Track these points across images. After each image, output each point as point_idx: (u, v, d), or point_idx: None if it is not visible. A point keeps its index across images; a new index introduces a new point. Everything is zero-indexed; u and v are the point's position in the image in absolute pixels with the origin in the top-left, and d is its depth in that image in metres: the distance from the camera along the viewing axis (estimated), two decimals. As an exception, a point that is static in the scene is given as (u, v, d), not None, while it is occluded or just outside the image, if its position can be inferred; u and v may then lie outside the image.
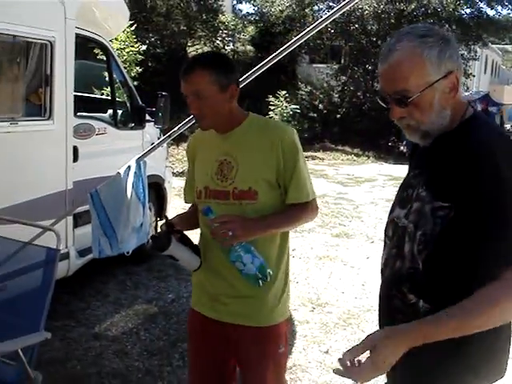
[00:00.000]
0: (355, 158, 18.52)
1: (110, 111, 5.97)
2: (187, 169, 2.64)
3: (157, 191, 6.50)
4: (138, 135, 6.10)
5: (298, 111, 19.12)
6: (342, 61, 23.07)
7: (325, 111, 21.89)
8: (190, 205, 2.65)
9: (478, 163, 1.60)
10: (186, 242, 2.37)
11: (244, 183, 2.28)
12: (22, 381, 2.89)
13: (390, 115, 1.75)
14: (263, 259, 2.27)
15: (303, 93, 22.39)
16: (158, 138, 6.50)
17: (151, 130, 6.33)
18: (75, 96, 4.89)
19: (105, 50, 5.83)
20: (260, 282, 2.28)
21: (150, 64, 18.32)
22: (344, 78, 22.09)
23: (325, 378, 3.97)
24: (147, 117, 6.14)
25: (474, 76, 25.04)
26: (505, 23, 24.21)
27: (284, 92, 18.26)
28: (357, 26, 20.67)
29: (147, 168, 4.59)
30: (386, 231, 1.93)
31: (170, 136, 3.69)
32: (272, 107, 18.10)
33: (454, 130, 1.74)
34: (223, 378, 2.53)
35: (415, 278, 1.73)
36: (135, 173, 3.64)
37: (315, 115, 21.63)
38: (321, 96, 22.35)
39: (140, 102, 6.11)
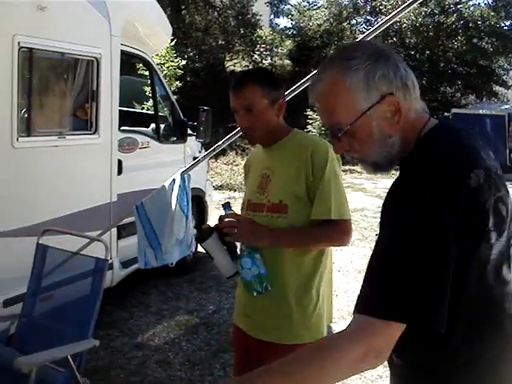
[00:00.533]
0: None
1: (153, 125, 6.09)
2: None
3: (198, 204, 6.59)
4: (179, 149, 6.21)
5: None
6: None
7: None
8: None
9: (397, 201, 1.42)
10: (230, 246, 2.36)
11: (276, 196, 2.30)
12: (71, 387, 2.99)
13: (334, 150, 1.59)
14: (264, 271, 2.26)
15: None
16: (200, 152, 6.64)
17: (192, 144, 6.44)
18: (119, 111, 5.02)
19: (148, 65, 5.97)
20: (254, 292, 2.28)
21: (188, 78, 18.63)
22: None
23: (365, 390, 3.97)
24: (188, 131, 6.26)
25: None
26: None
27: (321, 105, 18.28)
28: (395, 39, 20.66)
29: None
30: None
31: (214, 150, 3.76)
32: (310, 121, 18.16)
33: (409, 155, 1.48)
34: None
35: None
36: (180, 186, 3.72)
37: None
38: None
39: (182, 117, 6.23)
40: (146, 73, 7.26)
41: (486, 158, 1.45)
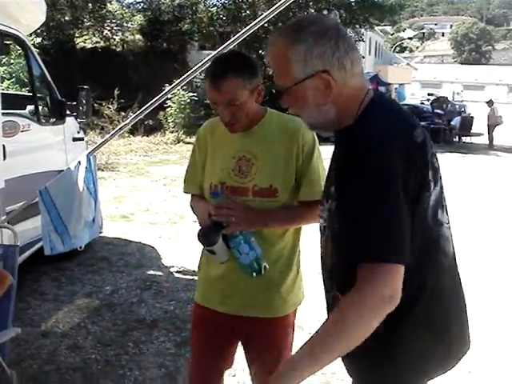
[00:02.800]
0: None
1: (31, 107, 5.86)
2: (191, 157, 2.51)
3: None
4: (59, 130, 6.02)
5: (196, 98, 19.21)
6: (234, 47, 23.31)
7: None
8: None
9: (354, 158, 1.59)
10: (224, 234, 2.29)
11: (264, 181, 2.25)
12: None
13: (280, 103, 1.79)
14: (260, 251, 2.27)
15: (198, 80, 22.43)
16: (78, 133, 6.49)
17: (71, 125, 6.27)
18: (-1, 93, 4.79)
19: (22, 44, 5.70)
20: (254, 273, 2.28)
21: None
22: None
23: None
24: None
25: (363, 57, 26.03)
26: (389, 7, 25.32)
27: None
28: (248, 12, 20.96)
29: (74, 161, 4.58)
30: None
31: (121, 129, 3.74)
32: (169, 95, 18.08)
33: (346, 127, 1.69)
34: (221, 358, 2.54)
35: (334, 274, 1.77)
36: (86, 167, 3.68)
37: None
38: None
39: (59, 97, 6.03)
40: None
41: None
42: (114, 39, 26.77)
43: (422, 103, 24.39)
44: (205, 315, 2.47)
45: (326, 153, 2.18)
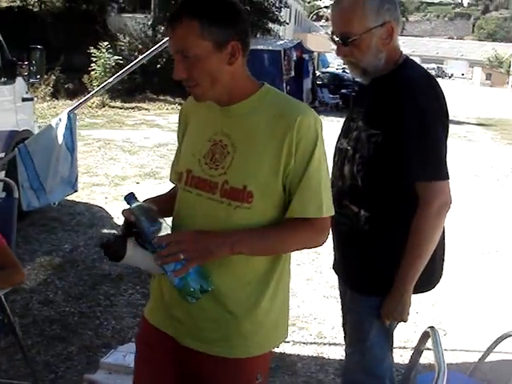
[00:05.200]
0: (179, 106, 18.84)
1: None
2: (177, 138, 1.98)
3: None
4: (10, 90, 5.99)
5: (122, 62, 18.94)
6: (152, 11, 23.05)
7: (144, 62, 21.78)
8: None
9: (402, 96, 2.07)
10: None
11: (238, 179, 1.69)
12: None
13: (336, 52, 2.22)
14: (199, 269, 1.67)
15: (122, 43, 22.09)
16: (27, 93, 6.45)
17: (20, 85, 6.24)
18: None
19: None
20: (189, 298, 1.67)
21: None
22: (162, 27, 22.12)
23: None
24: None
25: (287, 23, 26.28)
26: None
27: (106, 43, 18.03)
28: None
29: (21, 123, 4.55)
30: (333, 158, 2.34)
31: (104, 87, 3.85)
32: (94, 59, 17.80)
33: (388, 72, 2.15)
34: None
35: (355, 193, 2.19)
36: (66, 125, 3.77)
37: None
38: (140, 46, 22.20)
39: (10, 56, 5.98)
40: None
41: None
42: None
43: (344, 71, 24.94)
44: (151, 333, 1.90)
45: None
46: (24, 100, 6.29)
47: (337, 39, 2.13)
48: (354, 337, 2.33)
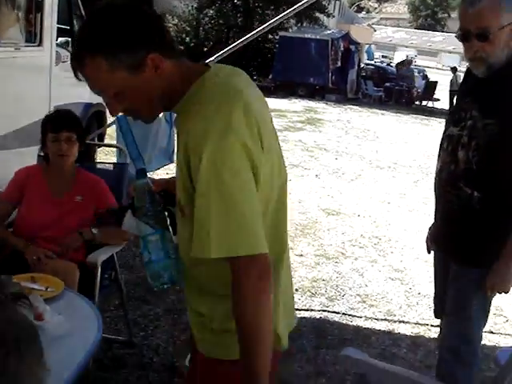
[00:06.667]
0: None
1: (62, 39, 6.03)
2: None
3: (99, 120, 6.71)
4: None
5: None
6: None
7: (191, 44, 22.02)
8: None
9: None
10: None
11: (178, 187, 1.54)
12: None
13: (464, 52, 2.40)
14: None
15: (170, 25, 22.28)
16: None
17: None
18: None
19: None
20: (159, 284, 1.69)
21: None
22: (211, 12, 22.27)
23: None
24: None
25: (333, 16, 26.19)
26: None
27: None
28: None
29: (94, 96, 4.72)
30: (441, 145, 2.58)
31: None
32: None
33: (503, 65, 2.36)
34: None
35: (470, 176, 2.40)
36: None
37: (182, 48, 21.73)
38: (188, 29, 22.40)
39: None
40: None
41: None
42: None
43: (388, 65, 24.92)
44: None
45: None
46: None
47: (471, 35, 2.31)
48: (456, 306, 2.52)
